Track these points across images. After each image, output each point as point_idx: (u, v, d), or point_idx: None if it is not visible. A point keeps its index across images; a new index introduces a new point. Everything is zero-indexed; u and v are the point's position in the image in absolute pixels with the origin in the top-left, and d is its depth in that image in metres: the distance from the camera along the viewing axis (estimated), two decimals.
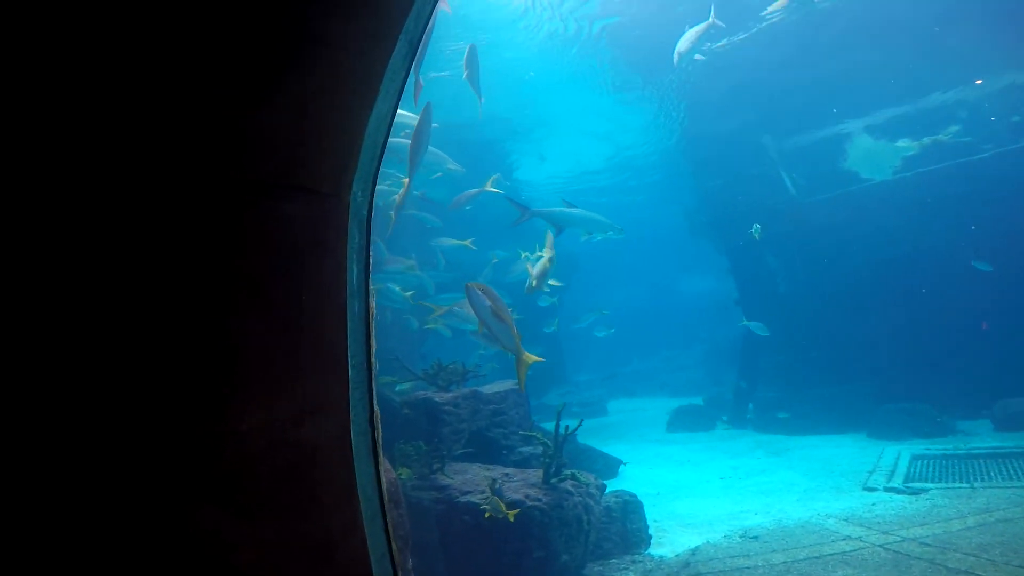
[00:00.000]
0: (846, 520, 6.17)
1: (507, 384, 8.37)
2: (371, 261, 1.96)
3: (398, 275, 9.88)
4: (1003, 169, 11.35)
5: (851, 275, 12.16)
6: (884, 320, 11.67)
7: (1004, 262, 10.61)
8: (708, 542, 6.11)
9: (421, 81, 6.18)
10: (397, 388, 7.91)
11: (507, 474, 6.18)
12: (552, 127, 15.86)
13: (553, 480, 5.85)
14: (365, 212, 1.90)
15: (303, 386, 1.53)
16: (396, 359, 8.30)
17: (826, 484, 7.76)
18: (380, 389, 6.86)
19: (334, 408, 1.60)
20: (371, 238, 1.96)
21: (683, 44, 9.72)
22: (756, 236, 10.51)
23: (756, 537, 5.99)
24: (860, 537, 5.53)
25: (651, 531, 6.48)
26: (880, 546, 5.19)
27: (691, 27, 9.75)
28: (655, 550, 6.20)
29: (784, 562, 5.13)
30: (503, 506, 5.17)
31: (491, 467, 6.44)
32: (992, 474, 7.30)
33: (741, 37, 12.04)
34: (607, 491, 6.84)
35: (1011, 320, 10.76)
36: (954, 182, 11.74)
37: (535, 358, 5.05)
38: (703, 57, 10.25)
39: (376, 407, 1.88)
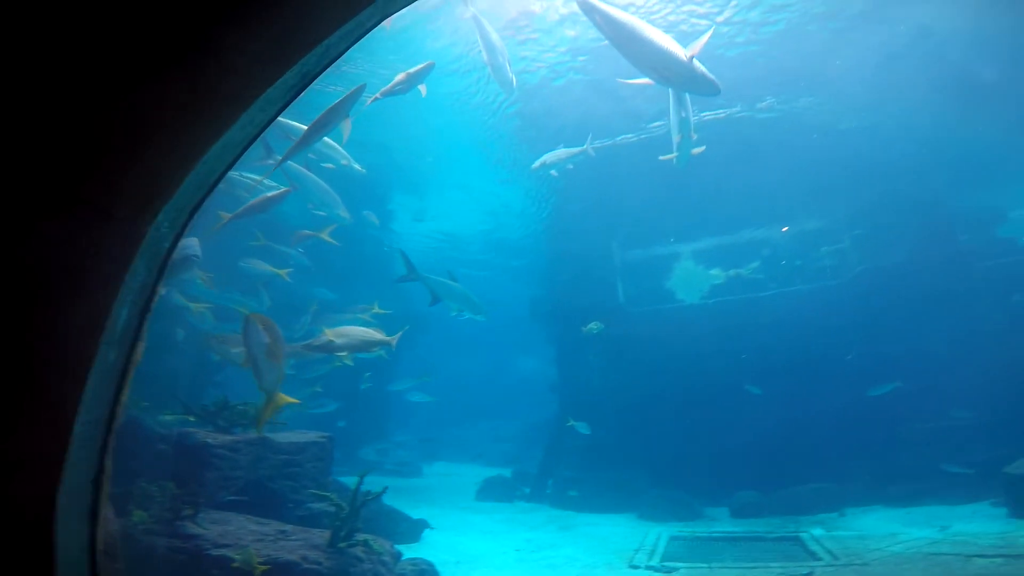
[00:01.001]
0: None
1: (310, 435, 8.13)
2: (155, 299, 1.72)
3: (188, 285, 8.99)
4: (779, 308, 13.70)
5: (649, 380, 13.85)
6: (664, 420, 13.43)
7: (768, 386, 12.97)
8: None
9: None
10: (162, 417, 7.16)
11: (284, 531, 5.79)
12: (439, 186, 16.34)
13: (342, 544, 5.60)
14: (166, 246, 1.68)
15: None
16: (172, 388, 7.64)
17: (601, 560, 8.69)
18: (138, 415, 6.39)
19: (39, 466, 1.42)
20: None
21: (550, 157, 11.06)
22: (595, 331, 11.70)
23: None
24: None
25: None
26: None
27: (566, 147, 11.18)
28: None
29: None
30: (256, 559, 4.84)
31: (266, 521, 6.04)
32: (725, 555, 8.51)
33: (611, 143, 13.24)
34: (405, 557, 6.88)
35: (753, 429, 13.00)
36: (741, 314, 13.93)
37: (289, 399, 4.99)
38: (557, 174, 11.51)
39: (108, 463, 1.66)
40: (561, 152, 11.13)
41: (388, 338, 6.94)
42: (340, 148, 8.73)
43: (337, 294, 14.44)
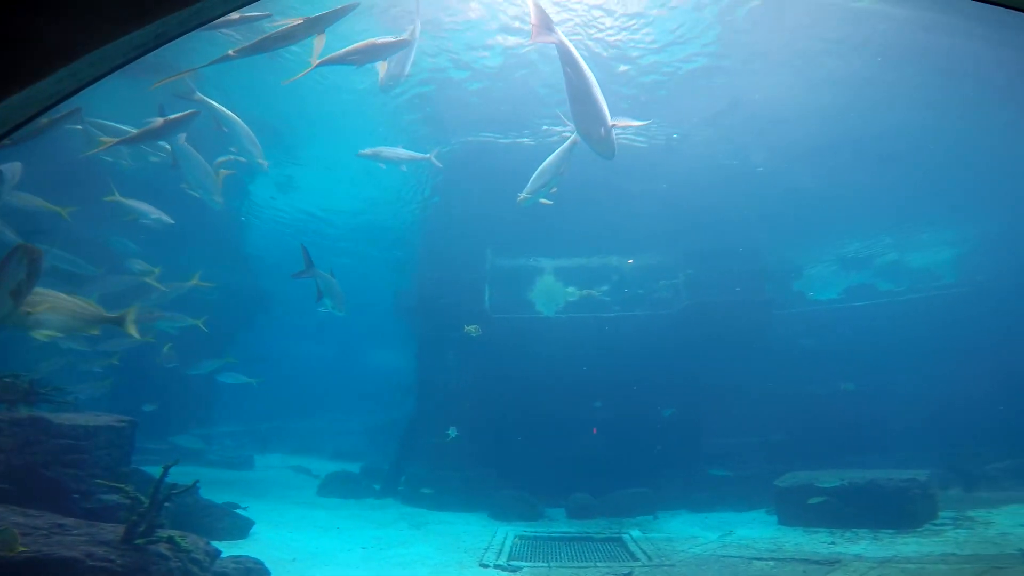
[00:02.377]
0: None
1: (103, 418, 7.32)
2: None
3: None
4: (620, 328, 15.25)
5: (503, 383, 14.44)
6: (513, 422, 14.07)
7: (608, 398, 14.27)
8: None
9: None
10: None
11: (62, 525, 5.16)
12: (314, 158, 15.02)
13: (140, 541, 5.12)
14: None
15: None
16: None
17: (453, 559, 8.78)
18: None
19: None
20: None
21: (385, 151, 10.78)
22: (475, 335, 11.83)
23: None
24: None
25: None
26: None
27: (406, 149, 10.98)
28: None
29: None
30: (16, 539, 4.33)
31: (38, 513, 5.34)
32: (562, 555, 9.01)
33: (508, 141, 13.38)
34: (227, 555, 6.43)
35: (589, 436, 14.36)
36: (588, 330, 15.28)
37: None
38: (383, 166, 11.20)
39: None
40: (401, 152, 11.04)
41: (113, 315, 5.92)
42: (258, 144, 8.27)
43: (143, 248, 12.57)
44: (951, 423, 13.42)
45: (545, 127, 13.34)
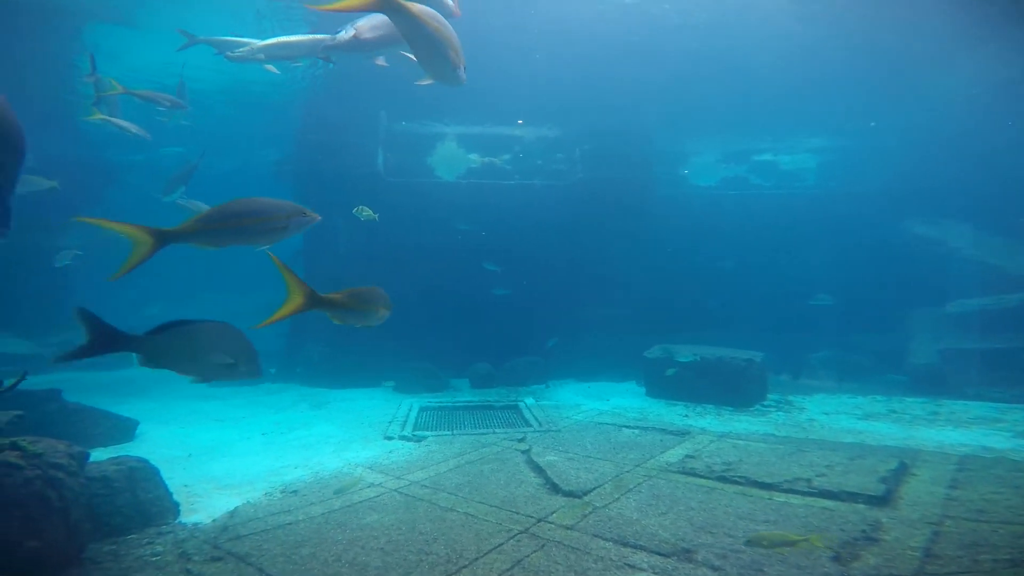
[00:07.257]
0: (371, 468, 6.96)
1: None
2: None
3: None
4: (522, 196, 15.21)
5: (403, 249, 14.05)
6: (414, 291, 13.70)
7: (506, 264, 14.24)
8: (248, 502, 6.02)
9: None
10: None
11: None
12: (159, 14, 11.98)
13: None
14: None
15: None
16: None
17: (357, 435, 8.75)
18: None
19: None
20: None
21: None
22: (363, 217, 10.78)
23: (296, 492, 6.26)
24: (381, 483, 6.38)
25: (180, 497, 5.95)
26: (395, 490, 6.16)
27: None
28: (187, 517, 5.70)
29: (323, 513, 5.62)
30: None
31: None
32: (465, 423, 9.26)
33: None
34: (106, 457, 5.86)
35: (491, 305, 14.50)
36: (489, 196, 15.06)
37: None
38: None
39: None
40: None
41: None
42: None
43: None
44: (791, 311, 14.76)
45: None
